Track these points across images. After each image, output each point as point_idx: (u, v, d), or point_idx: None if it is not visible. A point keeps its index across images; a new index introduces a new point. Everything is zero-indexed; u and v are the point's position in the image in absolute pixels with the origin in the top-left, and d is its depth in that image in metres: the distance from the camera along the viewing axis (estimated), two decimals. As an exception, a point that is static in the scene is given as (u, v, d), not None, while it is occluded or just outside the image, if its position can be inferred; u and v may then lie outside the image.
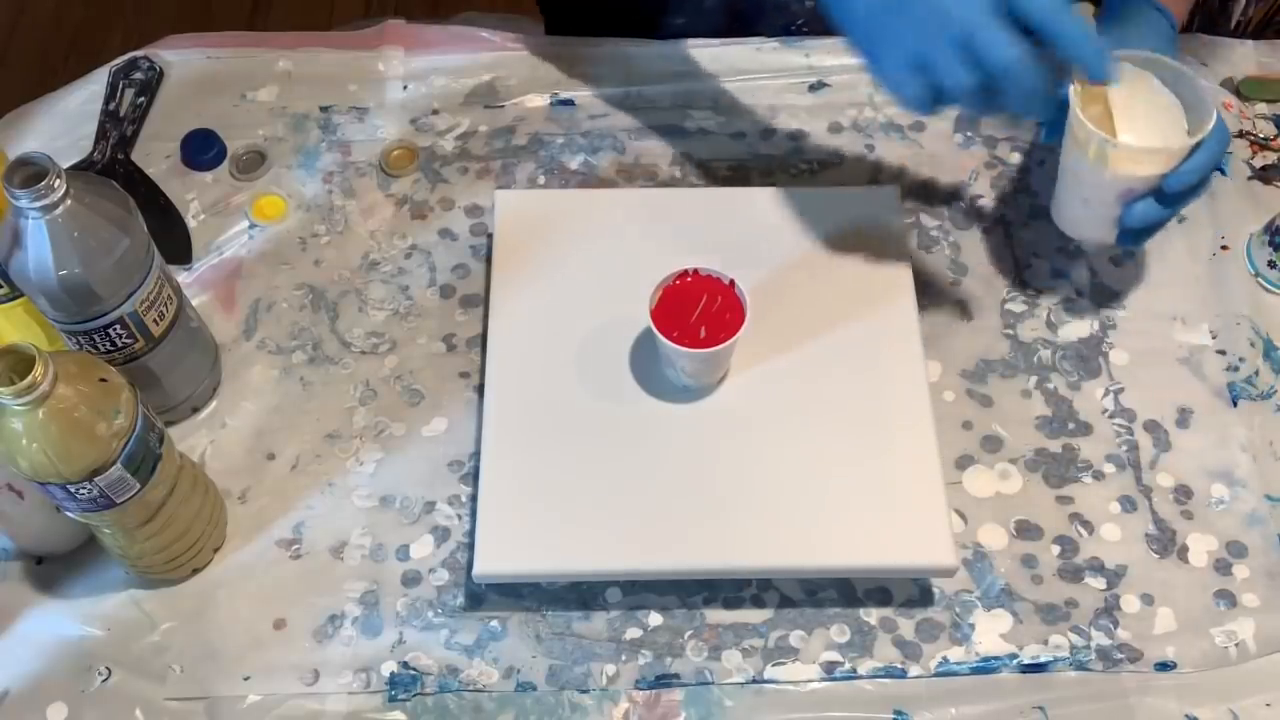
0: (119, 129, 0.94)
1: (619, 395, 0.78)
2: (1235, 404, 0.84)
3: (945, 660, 0.75)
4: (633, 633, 0.76)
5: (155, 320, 0.75)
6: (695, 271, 0.76)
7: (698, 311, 0.75)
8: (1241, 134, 0.95)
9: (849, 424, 0.77)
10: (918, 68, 0.67)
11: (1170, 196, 0.75)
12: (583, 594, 0.77)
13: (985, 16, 0.64)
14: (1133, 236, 0.79)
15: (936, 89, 0.67)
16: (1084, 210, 0.80)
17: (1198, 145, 0.74)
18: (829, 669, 0.75)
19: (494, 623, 0.76)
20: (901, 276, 0.82)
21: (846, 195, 0.87)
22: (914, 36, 0.66)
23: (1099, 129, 0.74)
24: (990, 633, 0.76)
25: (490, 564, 0.72)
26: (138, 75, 0.97)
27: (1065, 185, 0.81)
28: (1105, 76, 0.68)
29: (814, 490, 0.74)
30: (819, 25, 0.98)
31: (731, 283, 0.75)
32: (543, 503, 0.74)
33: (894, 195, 0.86)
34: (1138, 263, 0.89)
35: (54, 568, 0.78)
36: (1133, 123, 0.76)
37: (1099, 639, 0.76)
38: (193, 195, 0.92)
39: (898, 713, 0.74)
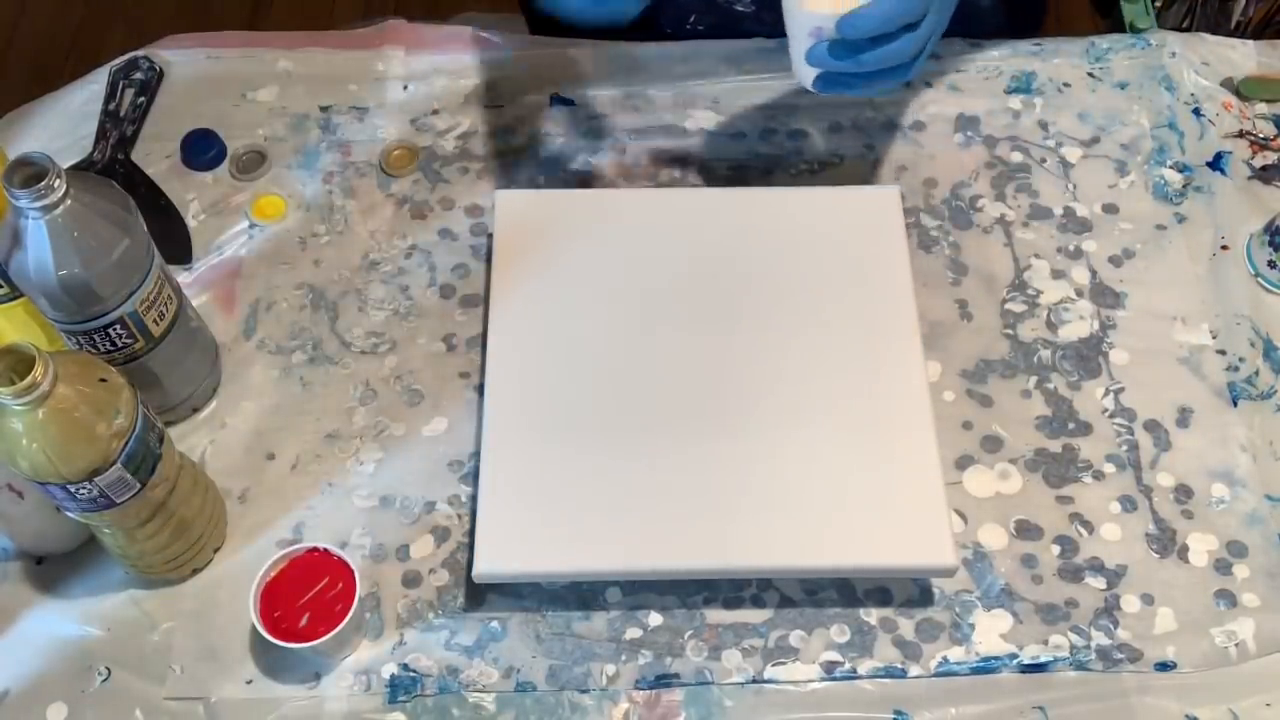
0: (119, 129, 0.94)
1: (618, 395, 0.78)
2: (1235, 404, 0.84)
3: (945, 660, 0.75)
4: (633, 633, 0.76)
5: (155, 320, 0.75)
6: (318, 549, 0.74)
7: (308, 596, 0.72)
8: (1241, 134, 0.95)
9: (849, 424, 0.77)
10: None
11: (846, 44, 0.70)
12: (583, 594, 0.77)
13: None
14: (822, 82, 0.73)
15: None
16: (792, 48, 0.74)
17: None
18: (829, 669, 0.75)
19: (494, 623, 0.76)
20: (902, 277, 0.82)
21: (848, 195, 0.87)
22: None
23: None
24: (990, 633, 0.76)
25: (490, 564, 0.72)
26: (138, 75, 0.97)
27: (785, 22, 0.74)
28: None
29: (814, 490, 0.74)
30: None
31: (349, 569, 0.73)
32: (542, 503, 0.74)
33: (895, 196, 0.86)
34: (1138, 263, 0.89)
35: (54, 568, 0.78)
36: None
37: (1099, 639, 0.76)
38: (193, 195, 0.92)
39: (898, 713, 0.74)
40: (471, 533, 0.78)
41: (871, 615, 0.76)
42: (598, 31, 0.99)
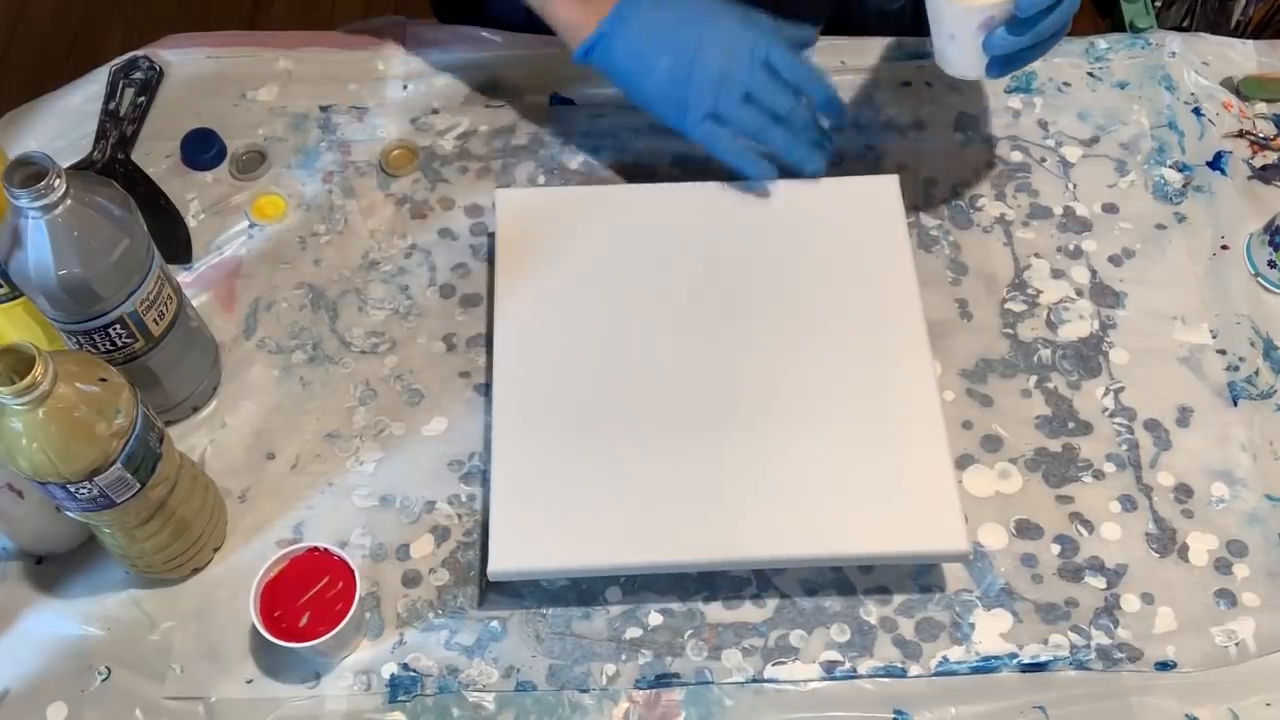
0: (119, 129, 0.94)
1: (626, 390, 0.78)
2: (1235, 403, 0.84)
3: (945, 660, 0.75)
4: (633, 632, 0.76)
5: (155, 320, 0.75)
6: (317, 549, 0.74)
7: (308, 596, 0.73)
8: (1241, 134, 0.95)
9: (858, 412, 0.77)
10: (716, 120, 0.83)
11: (1024, 22, 0.74)
12: (583, 594, 0.77)
13: (757, 75, 0.82)
14: (999, 66, 0.78)
15: (733, 132, 0.84)
16: (952, 46, 0.78)
17: None
18: (829, 668, 0.75)
19: (494, 623, 0.76)
20: (903, 264, 0.82)
21: (847, 185, 0.87)
22: (709, 100, 0.83)
23: None
24: (990, 632, 0.76)
25: (506, 561, 0.72)
26: (138, 75, 0.97)
27: (933, 22, 0.79)
28: (836, 117, 0.88)
29: (826, 479, 0.74)
30: None
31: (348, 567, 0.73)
32: (555, 499, 0.74)
33: (894, 184, 0.86)
34: (1138, 263, 0.89)
35: (54, 568, 0.78)
36: None
37: (1099, 638, 0.76)
38: (193, 195, 0.92)
39: (898, 712, 0.74)
40: (471, 532, 0.78)
41: (871, 615, 0.76)
42: None
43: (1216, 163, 0.94)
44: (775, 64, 0.82)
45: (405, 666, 0.75)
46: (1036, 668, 0.75)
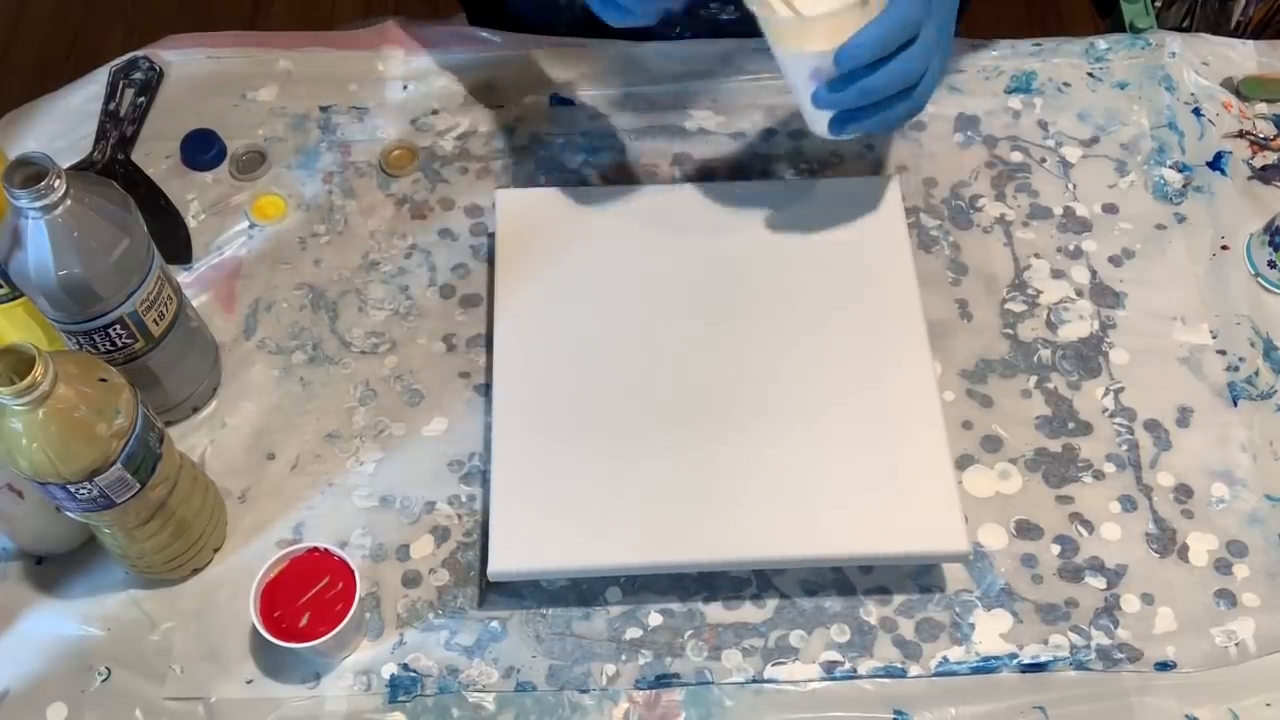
0: (119, 129, 0.94)
1: (627, 391, 0.78)
2: (1235, 404, 0.84)
3: (945, 660, 0.75)
4: (633, 633, 0.76)
5: (155, 320, 0.75)
6: (318, 549, 0.74)
7: (308, 596, 0.72)
8: (1241, 134, 0.95)
9: (858, 413, 0.77)
10: None
11: (846, 77, 0.68)
12: (583, 594, 0.77)
13: None
14: (839, 124, 0.72)
15: None
16: (796, 98, 0.72)
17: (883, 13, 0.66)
18: (829, 669, 0.75)
19: (494, 623, 0.76)
20: (903, 265, 0.82)
21: (846, 185, 0.87)
22: None
23: (781, 2, 0.67)
24: (990, 632, 0.76)
25: (506, 561, 0.72)
26: (138, 75, 0.97)
27: (785, 77, 0.73)
28: None
29: (827, 480, 0.74)
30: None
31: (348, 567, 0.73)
32: (555, 499, 0.74)
33: (893, 184, 0.86)
34: (1138, 263, 0.89)
35: (54, 568, 0.78)
36: None
37: (1099, 639, 0.76)
38: (193, 195, 0.92)
39: (898, 713, 0.74)
40: (471, 533, 0.78)
41: (871, 615, 0.76)
42: (593, 31, 0.99)
43: (1216, 163, 0.94)
44: None
45: (405, 667, 0.75)
46: (1036, 668, 0.75)
